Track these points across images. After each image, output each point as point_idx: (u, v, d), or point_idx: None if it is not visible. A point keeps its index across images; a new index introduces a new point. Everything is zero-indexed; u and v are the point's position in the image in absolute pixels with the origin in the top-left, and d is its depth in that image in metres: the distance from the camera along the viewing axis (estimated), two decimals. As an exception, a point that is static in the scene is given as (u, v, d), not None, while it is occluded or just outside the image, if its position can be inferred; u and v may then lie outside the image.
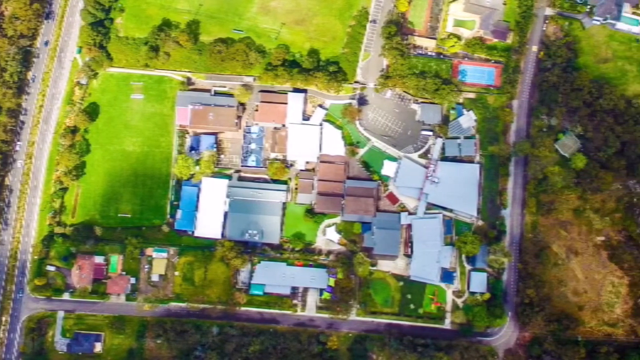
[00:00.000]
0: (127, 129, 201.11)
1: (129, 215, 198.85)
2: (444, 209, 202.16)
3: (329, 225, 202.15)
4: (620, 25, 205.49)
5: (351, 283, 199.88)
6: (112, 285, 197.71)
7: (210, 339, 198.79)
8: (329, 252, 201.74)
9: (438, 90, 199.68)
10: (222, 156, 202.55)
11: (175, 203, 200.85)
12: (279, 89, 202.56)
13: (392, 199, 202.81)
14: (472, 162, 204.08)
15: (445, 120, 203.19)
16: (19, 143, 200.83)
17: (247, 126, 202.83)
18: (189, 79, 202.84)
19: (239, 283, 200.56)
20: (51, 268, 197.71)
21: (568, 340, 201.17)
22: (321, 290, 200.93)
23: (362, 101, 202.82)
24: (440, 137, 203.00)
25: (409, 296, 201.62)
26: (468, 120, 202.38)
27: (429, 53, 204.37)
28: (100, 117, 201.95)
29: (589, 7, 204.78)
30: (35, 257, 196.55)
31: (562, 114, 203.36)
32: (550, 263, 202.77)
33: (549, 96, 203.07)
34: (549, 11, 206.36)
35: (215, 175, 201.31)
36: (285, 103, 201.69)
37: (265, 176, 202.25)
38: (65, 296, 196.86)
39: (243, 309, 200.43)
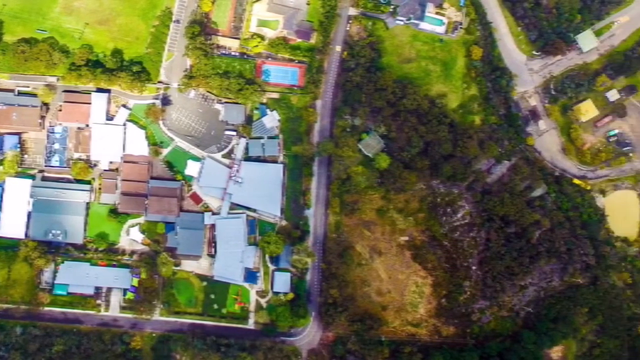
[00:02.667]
0: None
1: None
2: (248, 209, 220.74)
3: (133, 225, 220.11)
4: (423, 25, 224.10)
5: (155, 283, 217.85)
6: None
7: (13, 339, 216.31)
8: (132, 252, 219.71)
9: (241, 90, 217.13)
10: (25, 156, 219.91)
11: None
12: (82, 89, 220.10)
13: (196, 199, 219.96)
14: (275, 162, 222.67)
15: (249, 120, 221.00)
16: None
17: (50, 126, 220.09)
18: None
19: (42, 283, 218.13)
20: None
21: (372, 340, 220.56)
22: (125, 290, 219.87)
23: (166, 101, 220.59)
24: (244, 137, 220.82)
25: (212, 296, 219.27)
26: (272, 120, 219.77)
27: (233, 53, 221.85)
28: None
29: (392, 7, 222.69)
30: None
31: (365, 114, 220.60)
32: (354, 263, 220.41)
33: (352, 96, 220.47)
34: (352, 11, 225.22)
35: (19, 175, 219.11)
36: (89, 103, 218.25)
37: (69, 176, 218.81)
38: None
39: (46, 309, 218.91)
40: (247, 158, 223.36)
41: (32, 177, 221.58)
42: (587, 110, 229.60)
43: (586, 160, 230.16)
